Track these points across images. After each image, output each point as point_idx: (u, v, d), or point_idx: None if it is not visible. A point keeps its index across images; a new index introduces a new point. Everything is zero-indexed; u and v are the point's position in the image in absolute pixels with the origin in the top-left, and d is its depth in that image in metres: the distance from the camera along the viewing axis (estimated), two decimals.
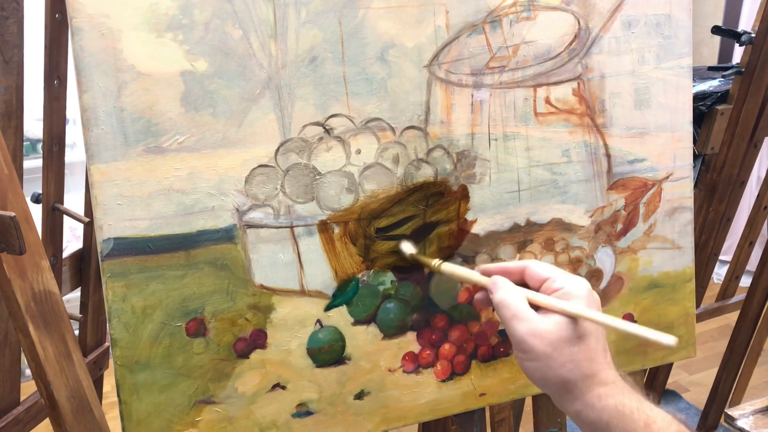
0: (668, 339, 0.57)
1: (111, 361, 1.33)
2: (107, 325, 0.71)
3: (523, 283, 0.66)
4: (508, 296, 0.62)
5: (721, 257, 1.99)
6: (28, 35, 1.00)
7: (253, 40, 0.69)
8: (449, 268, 0.73)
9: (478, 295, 0.72)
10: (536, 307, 0.62)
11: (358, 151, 0.75)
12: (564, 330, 0.59)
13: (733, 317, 1.69)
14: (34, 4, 1.20)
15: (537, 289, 0.64)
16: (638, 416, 0.57)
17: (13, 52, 0.97)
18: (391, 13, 0.74)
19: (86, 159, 0.67)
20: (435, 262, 0.75)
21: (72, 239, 1.96)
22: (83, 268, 1.27)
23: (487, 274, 0.68)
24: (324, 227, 0.75)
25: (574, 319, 0.60)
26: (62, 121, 1.14)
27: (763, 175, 1.83)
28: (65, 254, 1.25)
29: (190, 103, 0.68)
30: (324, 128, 0.73)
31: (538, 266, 0.65)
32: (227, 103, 0.69)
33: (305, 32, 0.71)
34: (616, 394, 0.58)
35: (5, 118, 0.98)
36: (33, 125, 2.10)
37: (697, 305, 1.72)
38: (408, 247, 0.77)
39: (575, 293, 0.61)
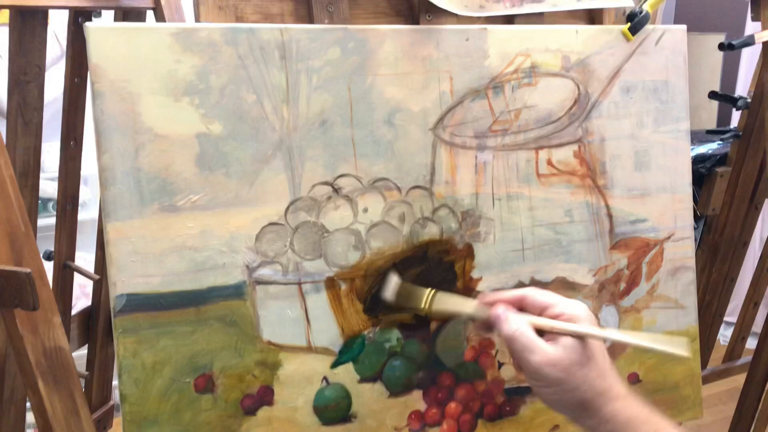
0: (681, 350, 0.59)
1: (115, 420, 1.32)
2: (115, 381, 0.72)
3: (521, 311, 0.67)
4: (518, 329, 0.64)
5: (726, 318, 1.98)
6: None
7: (266, 104, 0.72)
8: (443, 298, 0.73)
9: (479, 324, 0.72)
10: (539, 332, 0.64)
11: (365, 210, 0.77)
12: (574, 353, 0.62)
13: (741, 379, 1.67)
14: (54, 68, 1.24)
15: (538, 315, 0.66)
16: (649, 427, 0.60)
17: (33, 114, 1.01)
18: (397, 79, 0.78)
19: (103, 217, 0.69)
20: (427, 291, 0.73)
21: (81, 296, 1.97)
22: (91, 326, 1.28)
23: (488, 304, 0.69)
24: (331, 284, 0.76)
25: (581, 341, 0.62)
26: (77, 180, 1.17)
27: (766, 237, 1.84)
28: (74, 311, 1.26)
29: (205, 163, 0.71)
30: (333, 188, 0.76)
31: (537, 293, 0.67)
32: (240, 163, 0.72)
33: (316, 97, 0.74)
34: (628, 406, 0.61)
35: (23, 177, 1.01)
36: (44, 184, 2.14)
37: (704, 367, 1.70)
38: (395, 278, 0.76)
39: (580, 316, 0.64)
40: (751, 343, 1.77)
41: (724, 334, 2.95)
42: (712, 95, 1.40)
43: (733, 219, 1.45)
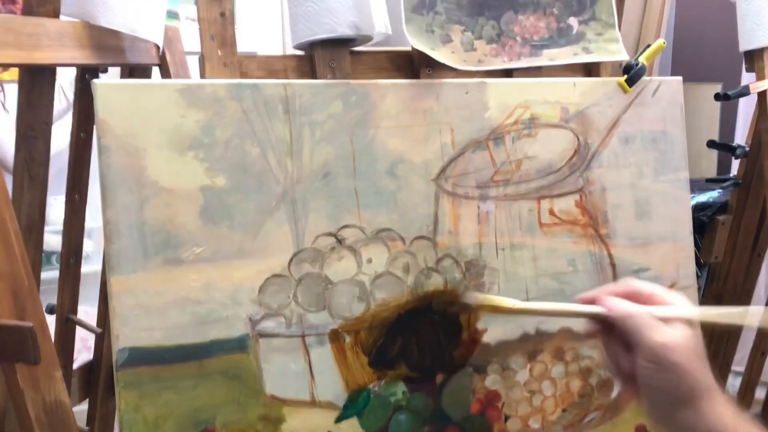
0: None
1: None
2: None
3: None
4: (635, 307, 0.62)
5: (734, 368, 1.95)
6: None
7: (270, 157, 0.73)
8: (537, 305, 0.71)
9: (585, 326, 0.70)
10: None
11: (369, 261, 0.77)
12: (692, 342, 0.60)
13: None
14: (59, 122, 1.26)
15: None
16: (744, 428, 0.58)
17: (39, 170, 1.02)
18: (399, 132, 0.79)
19: (107, 270, 0.69)
20: (514, 302, 0.70)
21: (82, 350, 1.96)
22: (92, 380, 1.27)
23: (586, 301, 0.67)
24: (335, 336, 0.76)
25: (695, 331, 0.61)
26: (81, 234, 1.18)
27: None
28: (75, 365, 1.25)
29: (209, 216, 0.71)
30: (336, 239, 0.76)
31: (638, 283, 0.65)
32: (244, 215, 0.72)
33: (319, 149, 0.75)
34: (728, 405, 0.59)
35: (27, 231, 1.01)
36: (47, 237, 2.14)
37: None
38: (474, 297, 0.76)
39: (686, 304, 0.63)
40: (760, 393, 1.74)
41: (733, 384, 2.91)
42: (711, 144, 1.41)
43: (736, 267, 1.44)
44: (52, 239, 2.07)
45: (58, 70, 1.00)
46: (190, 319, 0.71)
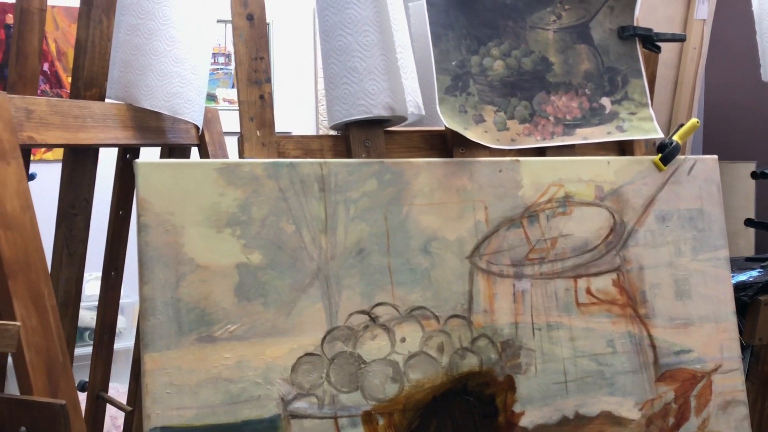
0: None
1: None
2: None
3: None
4: None
5: None
6: None
7: (305, 234, 0.74)
8: None
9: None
10: None
11: (403, 340, 0.76)
12: None
13: None
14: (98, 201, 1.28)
15: None
16: None
17: (77, 246, 1.04)
18: (433, 209, 0.79)
19: (141, 347, 0.69)
20: None
21: (112, 428, 1.94)
22: None
23: None
24: (368, 418, 0.74)
25: None
26: (115, 310, 1.19)
27: None
28: None
29: (243, 293, 0.71)
30: (370, 316, 0.75)
31: None
32: (278, 293, 0.72)
33: (353, 227, 0.76)
34: None
35: (63, 307, 1.02)
36: (81, 313, 2.16)
37: None
38: None
39: None
40: None
41: None
42: (749, 223, 1.39)
43: None
44: (85, 315, 2.09)
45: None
46: (222, 399, 0.70)
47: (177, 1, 0.98)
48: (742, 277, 1.76)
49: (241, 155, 0.78)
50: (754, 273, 1.79)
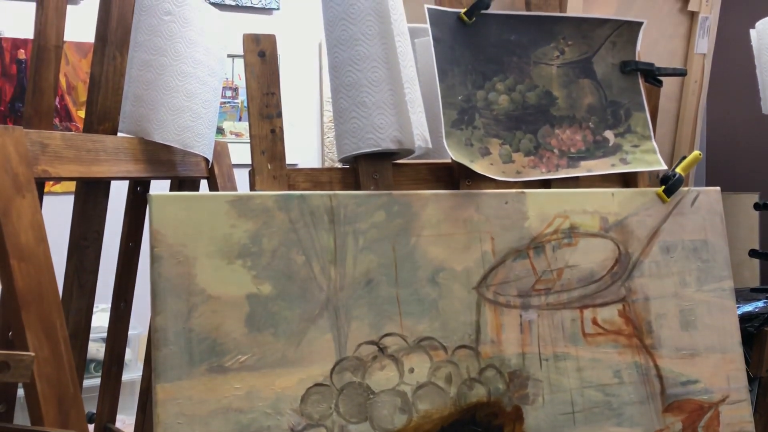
0: None
1: None
2: None
3: None
4: None
5: None
6: None
7: (314, 265, 0.75)
8: None
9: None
10: None
11: (411, 370, 0.77)
12: None
13: None
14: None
15: None
16: None
17: (88, 278, 1.05)
18: (440, 240, 0.80)
19: (152, 378, 0.70)
20: None
21: None
22: None
23: None
24: None
25: None
26: (124, 341, 1.19)
27: None
28: None
29: (254, 323, 0.72)
30: (378, 347, 0.76)
31: None
32: (288, 323, 0.73)
33: (362, 257, 0.77)
34: None
35: (73, 338, 1.03)
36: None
37: None
38: None
39: None
40: None
41: None
42: (753, 253, 1.40)
43: None
44: (91, 347, 2.09)
45: None
46: (233, 429, 0.70)
47: (189, 37, 1.01)
48: (748, 307, 1.76)
49: (252, 188, 0.80)
50: (760, 304, 1.79)
